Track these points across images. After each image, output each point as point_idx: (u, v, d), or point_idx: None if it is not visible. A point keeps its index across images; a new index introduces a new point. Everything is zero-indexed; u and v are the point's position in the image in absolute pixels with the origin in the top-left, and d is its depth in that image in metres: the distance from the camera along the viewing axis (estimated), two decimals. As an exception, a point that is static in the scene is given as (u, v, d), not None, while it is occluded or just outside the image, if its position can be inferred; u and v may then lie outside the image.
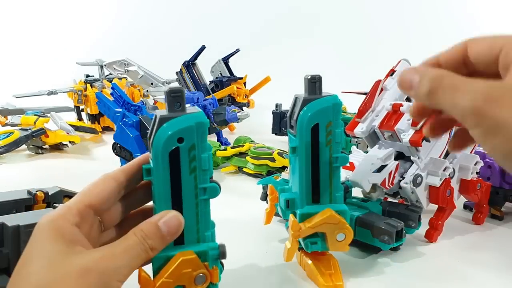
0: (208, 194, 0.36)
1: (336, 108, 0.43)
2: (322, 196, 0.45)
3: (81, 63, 1.42)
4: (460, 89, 0.26)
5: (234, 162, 0.93)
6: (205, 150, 0.35)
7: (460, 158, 0.62)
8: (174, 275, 0.35)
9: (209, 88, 1.44)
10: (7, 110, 1.31)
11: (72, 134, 1.10)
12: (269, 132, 1.24)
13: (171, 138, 0.34)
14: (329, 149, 0.44)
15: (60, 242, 0.32)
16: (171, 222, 0.34)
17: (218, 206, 0.75)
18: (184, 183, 0.35)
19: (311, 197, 0.45)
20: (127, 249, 0.33)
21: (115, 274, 0.32)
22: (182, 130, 0.34)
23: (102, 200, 0.35)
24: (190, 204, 0.36)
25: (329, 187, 0.45)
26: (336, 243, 0.45)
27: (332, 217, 0.44)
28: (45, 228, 0.33)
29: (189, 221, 0.36)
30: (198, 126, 0.34)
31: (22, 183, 0.67)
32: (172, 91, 0.35)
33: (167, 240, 0.34)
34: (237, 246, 0.59)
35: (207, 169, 0.35)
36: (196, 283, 0.35)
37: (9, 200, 0.52)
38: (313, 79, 0.43)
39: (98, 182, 0.36)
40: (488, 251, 0.59)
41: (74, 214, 0.34)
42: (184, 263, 0.35)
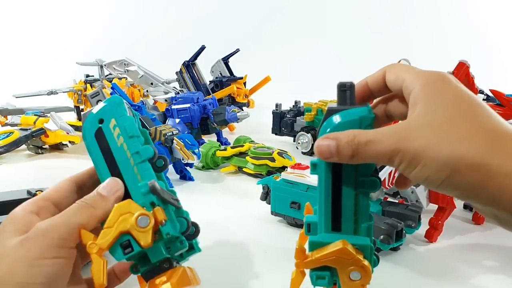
0: (143, 156, 0.38)
1: (364, 122, 0.34)
2: (344, 224, 0.37)
3: (81, 63, 1.42)
4: (375, 140, 0.31)
5: (234, 162, 0.93)
6: (126, 120, 0.38)
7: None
8: (112, 221, 0.35)
9: (209, 88, 1.44)
10: (7, 110, 1.31)
11: (72, 134, 1.10)
12: (269, 132, 1.24)
13: (92, 122, 0.38)
14: (354, 170, 0.35)
15: (13, 227, 0.34)
16: (108, 184, 0.37)
17: (218, 206, 0.76)
18: (116, 154, 0.38)
19: (331, 224, 0.37)
20: (66, 211, 0.35)
21: (56, 232, 0.33)
22: (99, 112, 0.38)
23: (59, 194, 0.38)
24: (128, 170, 0.38)
25: (353, 215, 0.36)
26: (349, 282, 0.37)
27: (345, 252, 0.36)
28: (5, 221, 0.36)
29: (132, 186, 0.37)
30: (110, 103, 0.38)
31: (22, 183, 0.67)
32: (90, 94, 0.44)
33: (110, 199, 0.36)
34: (237, 246, 0.59)
35: (133, 136, 0.38)
36: (140, 226, 0.35)
37: (9, 200, 0.52)
38: (343, 86, 0.36)
39: (57, 183, 0.40)
40: (488, 251, 0.59)
41: (31, 203, 0.37)
42: (119, 207, 0.36)
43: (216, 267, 0.53)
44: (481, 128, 0.30)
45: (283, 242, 0.60)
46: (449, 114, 0.30)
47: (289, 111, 1.22)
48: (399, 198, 0.63)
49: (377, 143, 0.31)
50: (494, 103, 1.01)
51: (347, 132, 0.32)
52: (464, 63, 0.56)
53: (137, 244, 0.36)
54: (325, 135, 0.34)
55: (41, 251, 0.32)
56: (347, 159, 0.32)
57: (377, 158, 0.31)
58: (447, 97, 0.31)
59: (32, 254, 0.32)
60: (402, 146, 0.30)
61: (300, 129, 1.13)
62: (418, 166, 0.30)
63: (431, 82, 0.32)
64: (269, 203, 0.67)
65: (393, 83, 0.34)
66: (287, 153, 0.91)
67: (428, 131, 0.30)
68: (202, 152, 0.94)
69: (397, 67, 0.35)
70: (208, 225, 0.63)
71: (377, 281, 0.51)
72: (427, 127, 0.30)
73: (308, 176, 0.63)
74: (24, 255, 0.32)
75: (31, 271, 0.32)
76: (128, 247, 0.36)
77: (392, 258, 0.56)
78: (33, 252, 0.32)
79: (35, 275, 0.32)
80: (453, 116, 0.30)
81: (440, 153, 0.29)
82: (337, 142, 0.32)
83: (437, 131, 0.30)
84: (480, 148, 0.29)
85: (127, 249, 0.36)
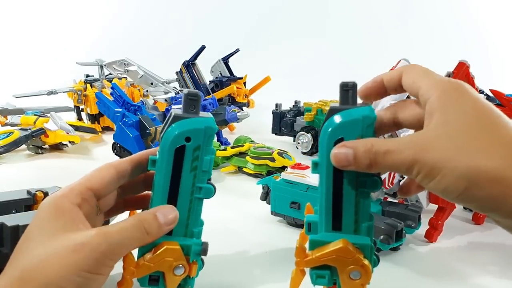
0: (203, 194, 0.39)
1: (366, 121, 0.34)
2: (345, 224, 0.37)
3: (81, 63, 1.41)
4: (394, 150, 0.31)
5: (234, 162, 0.93)
6: (209, 153, 0.38)
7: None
8: (156, 260, 0.37)
9: (209, 88, 1.44)
10: (7, 110, 1.31)
11: (72, 134, 1.10)
12: (269, 132, 1.24)
13: (180, 136, 0.37)
14: (355, 171, 0.35)
15: (60, 219, 0.34)
16: (168, 212, 0.37)
17: (218, 206, 0.75)
18: (183, 179, 0.38)
19: (331, 224, 0.37)
20: (123, 229, 0.35)
21: (107, 251, 0.33)
22: (191, 131, 0.37)
23: (102, 185, 0.38)
24: (185, 199, 0.38)
25: (354, 214, 0.37)
26: (350, 281, 0.37)
27: (345, 251, 0.36)
28: (47, 206, 0.35)
29: (181, 215, 0.38)
30: (206, 129, 0.37)
31: (22, 183, 0.67)
32: (190, 94, 0.38)
33: (163, 229, 0.36)
34: (237, 246, 0.59)
35: (207, 171, 0.38)
36: (174, 273, 0.37)
37: (9, 200, 0.52)
38: (346, 86, 0.35)
39: (100, 169, 0.39)
40: (488, 251, 0.59)
41: (76, 194, 0.36)
42: (167, 251, 0.37)
43: (216, 267, 0.53)
44: (500, 140, 0.29)
45: (283, 242, 0.60)
46: (468, 125, 0.30)
47: (289, 111, 1.22)
48: (399, 198, 0.63)
49: (396, 153, 0.30)
50: (494, 103, 1.01)
51: (365, 141, 0.32)
52: (464, 63, 0.56)
53: (163, 284, 0.38)
54: (342, 143, 0.34)
55: (90, 264, 0.33)
56: (364, 168, 0.32)
57: (395, 168, 0.31)
58: (465, 107, 0.30)
59: (82, 265, 0.32)
60: (421, 156, 0.30)
61: (300, 129, 1.13)
62: (436, 177, 0.29)
63: (448, 91, 0.31)
64: (269, 203, 0.67)
65: (410, 87, 0.34)
66: (287, 153, 0.91)
67: (447, 141, 0.29)
68: (202, 152, 0.94)
69: (414, 70, 0.34)
70: (208, 225, 0.63)
71: (377, 281, 0.51)
72: (445, 138, 0.30)
73: (308, 176, 0.63)
74: (75, 263, 0.32)
75: (76, 280, 0.32)
76: (155, 282, 0.38)
77: (392, 258, 0.56)
78: (83, 264, 0.32)
79: (77, 284, 0.32)
80: (471, 127, 0.30)
81: (459, 164, 0.29)
82: (354, 151, 0.32)
83: (456, 142, 0.29)
84: (499, 160, 0.28)
85: (153, 282, 0.38)
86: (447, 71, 0.56)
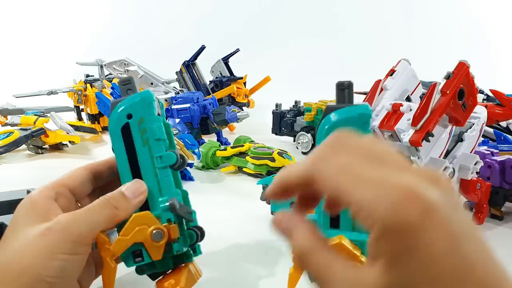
0: (165, 162, 0.38)
1: (363, 119, 0.35)
2: (342, 221, 0.37)
3: (81, 63, 1.41)
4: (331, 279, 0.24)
5: (234, 162, 0.93)
6: (154, 121, 0.38)
7: (460, 158, 0.62)
8: (129, 231, 0.36)
9: (209, 88, 1.44)
10: (7, 110, 1.31)
11: (72, 134, 1.10)
12: (269, 132, 1.24)
13: (120, 115, 0.37)
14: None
15: (33, 213, 0.35)
16: (133, 186, 0.37)
17: (218, 206, 0.75)
18: (140, 154, 0.38)
19: (329, 221, 0.38)
20: (90, 208, 0.35)
21: (76, 230, 0.33)
22: (129, 107, 0.37)
23: (75, 182, 0.39)
24: (149, 173, 0.38)
25: None
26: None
27: (341, 246, 0.36)
28: (23, 204, 0.36)
29: (151, 190, 0.38)
30: (142, 100, 0.38)
31: (22, 183, 0.67)
32: (122, 81, 0.39)
33: (132, 202, 0.36)
34: (237, 246, 0.59)
35: (159, 139, 0.38)
36: (153, 240, 0.36)
37: (9, 200, 0.52)
38: (342, 85, 0.36)
39: (73, 170, 0.40)
40: (488, 251, 0.59)
41: (49, 189, 0.37)
42: (137, 218, 0.36)
43: (215, 267, 0.53)
44: None
45: (283, 242, 0.60)
46: None
47: (289, 111, 1.22)
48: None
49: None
50: (494, 103, 1.01)
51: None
52: (464, 63, 0.56)
53: (148, 256, 0.37)
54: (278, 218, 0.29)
55: (61, 245, 0.33)
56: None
57: None
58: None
59: (53, 247, 0.32)
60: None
61: (300, 129, 1.13)
62: None
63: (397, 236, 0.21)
64: (269, 203, 0.67)
65: (334, 196, 0.24)
66: (287, 153, 0.91)
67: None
68: (202, 152, 0.94)
69: (329, 170, 0.24)
70: (208, 225, 0.63)
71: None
72: None
73: (308, 176, 0.63)
74: (45, 247, 0.32)
75: (50, 264, 0.32)
76: (139, 257, 0.37)
77: (392, 258, 0.56)
78: (54, 245, 0.32)
79: (53, 268, 0.32)
80: None
81: None
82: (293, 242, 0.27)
83: None
84: None
85: (137, 258, 0.37)
86: (447, 71, 0.56)
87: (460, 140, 0.64)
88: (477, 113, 0.65)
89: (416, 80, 0.66)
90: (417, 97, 0.66)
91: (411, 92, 0.66)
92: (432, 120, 0.53)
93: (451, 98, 0.54)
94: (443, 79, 0.55)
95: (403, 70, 0.64)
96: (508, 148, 0.79)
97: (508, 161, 0.66)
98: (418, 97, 0.66)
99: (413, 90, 0.66)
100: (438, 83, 0.55)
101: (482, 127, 0.65)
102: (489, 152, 0.70)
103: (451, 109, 0.55)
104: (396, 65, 0.65)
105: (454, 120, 0.57)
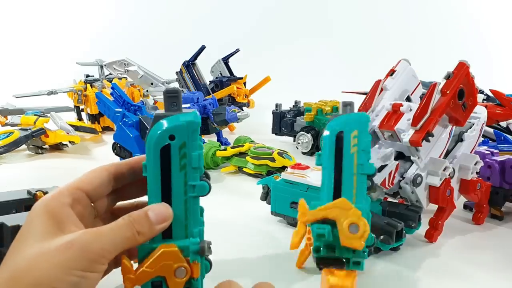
0: (197, 192, 0.37)
1: (191, 127, 0.37)
2: (344, 195, 0.42)
3: (81, 63, 1.42)
4: None
5: (234, 162, 0.93)
6: (196, 149, 0.37)
7: (460, 158, 0.62)
8: (154, 265, 0.36)
9: (209, 88, 1.44)
10: (7, 110, 1.31)
11: (72, 134, 1.10)
12: (269, 132, 1.24)
13: (162, 135, 0.36)
14: (353, 157, 0.41)
15: (51, 220, 0.34)
16: (160, 211, 0.36)
17: (218, 206, 0.75)
18: (174, 179, 0.36)
19: (332, 196, 0.42)
20: (113, 228, 0.35)
21: (98, 249, 0.33)
22: (174, 128, 0.36)
23: (93, 185, 0.38)
24: (179, 199, 0.37)
25: (353, 189, 0.42)
26: (348, 235, 0.40)
27: (344, 203, 0.41)
28: (38, 209, 0.35)
29: (178, 217, 0.37)
30: (189, 124, 0.36)
31: (22, 183, 0.67)
32: (168, 92, 0.37)
33: (155, 229, 0.36)
34: (237, 246, 0.59)
35: (197, 167, 0.37)
36: (176, 276, 0.36)
37: (9, 200, 0.52)
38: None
39: (92, 171, 0.39)
40: (488, 251, 0.59)
41: (66, 195, 0.36)
42: (164, 254, 0.36)
43: (215, 267, 0.53)
44: None
45: (283, 242, 0.60)
46: None
47: (289, 111, 1.22)
48: (399, 198, 0.63)
49: None
50: (494, 103, 1.01)
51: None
52: (464, 63, 0.56)
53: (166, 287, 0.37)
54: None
55: (80, 262, 0.32)
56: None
57: None
58: None
59: (71, 263, 0.32)
60: None
61: (300, 129, 1.13)
62: None
63: None
64: (269, 203, 0.67)
65: None
66: (287, 153, 0.91)
67: None
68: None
69: None
70: (208, 225, 0.63)
71: (377, 281, 0.51)
72: None
73: (308, 176, 0.63)
74: (63, 261, 0.32)
75: (66, 278, 0.32)
76: (158, 287, 0.37)
77: (392, 258, 0.56)
78: (72, 261, 0.32)
79: (68, 283, 0.32)
80: None
81: None
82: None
83: None
84: None
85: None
86: (447, 71, 0.56)
87: (460, 140, 0.64)
88: (477, 113, 0.65)
89: (416, 80, 0.66)
90: (417, 97, 0.66)
91: (411, 92, 0.65)
92: (432, 120, 0.53)
93: (451, 98, 0.54)
94: (443, 79, 0.55)
95: (403, 70, 0.64)
96: (508, 148, 0.79)
97: (508, 161, 0.66)
98: (418, 97, 0.66)
99: (413, 90, 0.66)
100: (438, 83, 0.55)
101: (482, 127, 0.65)
102: (489, 152, 0.70)
103: (451, 109, 0.54)
104: (396, 65, 0.65)
105: (454, 120, 0.56)
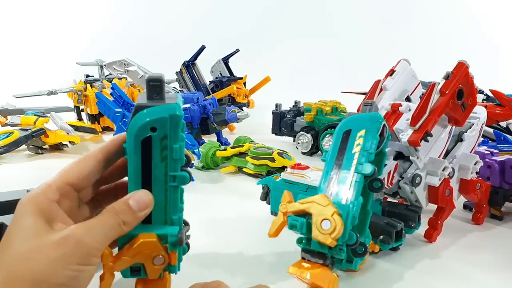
0: (178, 182, 0.37)
1: (374, 119, 0.46)
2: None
3: (81, 63, 1.42)
4: None
5: (234, 162, 0.93)
6: (177, 141, 0.36)
7: (460, 158, 0.62)
8: (133, 254, 0.36)
9: (209, 88, 1.44)
10: (7, 110, 1.31)
11: (72, 134, 1.10)
12: (269, 132, 1.24)
13: (144, 127, 0.35)
14: (354, 156, 0.45)
15: (40, 218, 0.34)
16: (140, 198, 0.36)
17: (218, 206, 0.76)
18: (155, 169, 0.36)
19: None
20: (102, 221, 0.35)
21: (92, 241, 0.34)
22: (155, 120, 0.35)
23: (82, 178, 0.38)
24: (159, 188, 0.37)
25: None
26: (320, 230, 0.42)
27: (322, 198, 0.43)
28: (26, 205, 0.35)
29: (158, 203, 0.37)
30: (171, 117, 0.35)
31: (22, 183, 0.67)
32: (151, 79, 0.36)
33: (138, 216, 0.36)
34: (237, 246, 0.59)
35: (178, 159, 0.36)
36: (154, 263, 0.37)
37: (9, 200, 0.52)
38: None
39: (79, 161, 0.39)
40: (488, 251, 0.59)
41: (54, 191, 0.36)
42: (143, 244, 0.36)
43: (215, 267, 0.53)
44: None
45: (283, 242, 0.60)
46: None
47: (289, 111, 1.22)
48: (399, 198, 0.63)
49: None
50: (494, 103, 1.01)
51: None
52: (463, 63, 0.56)
53: (145, 273, 0.37)
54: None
55: (76, 256, 0.33)
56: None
57: None
58: None
59: (68, 258, 0.33)
60: None
61: (300, 129, 1.13)
62: None
63: None
64: (269, 203, 0.67)
65: None
66: (287, 153, 0.91)
67: None
68: (202, 152, 0.94)
69: None
70: (208, 225, 0.63)
71: (377, 281, 0.51)
72: None
73: (308, 177, 0.63)
74: (60, 257, 0.32)
75: (63, 273, 0.32)
76: (136, 272, 0.37)
77: (392, 258, 0.56)
78: (69, 256, 0.33)
79: (65, 278, 0.32)
80: None
81: None
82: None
83: None
84: None
85: (135, 272, 0.37)
86: (446, 71, 0.56)
87: (460, 140, 0.64)
88: (476, 113, 0.65)
89: (416, 80, 0.66)
90: (417, 97, 0.66)
91: (411, 92, 0.65)
92: (430, 120, 0.53)
93: (450, 98, 0.54)
94: (442, 79, 0.55)
95: (402, 70, 0.64)
96: (508, 148, 0.80)
97: (508, 161, 0.66)
98: (418, 97, 0.66)
99: (413, 90, 0.66)
100: (437, 83, 0.55)
101: (482, 127, 0.65)
102: (489, 152, 0.70)
103: (450, 109, 0.55)
104: (396, 65, 0.65)
105: (453, 120, 0.57)
